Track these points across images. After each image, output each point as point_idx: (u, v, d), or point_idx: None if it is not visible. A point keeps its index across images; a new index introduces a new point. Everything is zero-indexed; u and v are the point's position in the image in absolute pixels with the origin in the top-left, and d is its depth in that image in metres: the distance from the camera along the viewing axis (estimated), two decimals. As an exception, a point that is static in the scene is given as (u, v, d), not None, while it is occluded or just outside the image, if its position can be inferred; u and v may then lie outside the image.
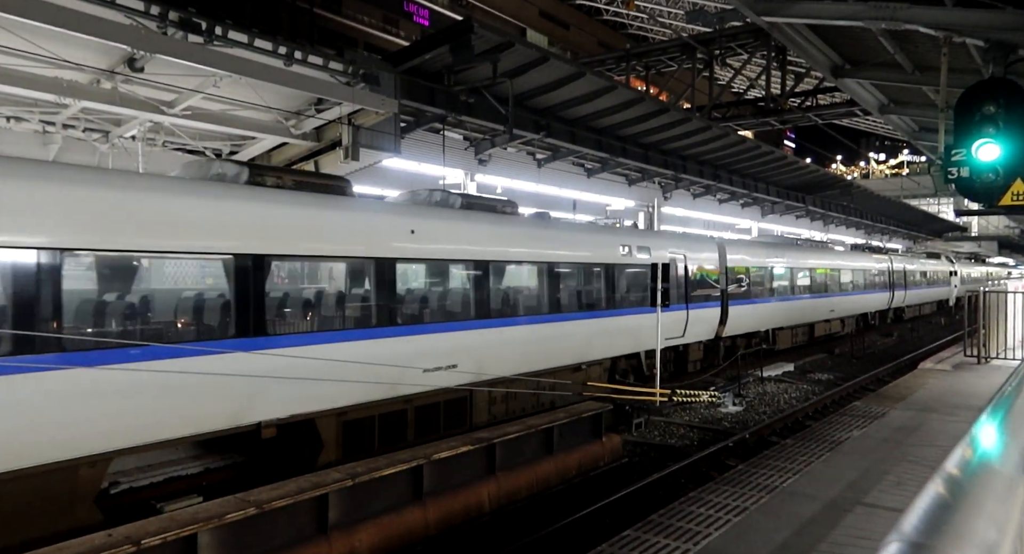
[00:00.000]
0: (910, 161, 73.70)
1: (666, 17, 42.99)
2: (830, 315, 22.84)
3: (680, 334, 13.96)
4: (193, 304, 6.73)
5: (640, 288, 12.81)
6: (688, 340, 14.34)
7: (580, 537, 7.19)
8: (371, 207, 8.63)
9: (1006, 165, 7.07)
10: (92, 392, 5.43)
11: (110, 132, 9.86)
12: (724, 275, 15.79)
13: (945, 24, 8.48)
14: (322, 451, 7.35)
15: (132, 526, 4.95)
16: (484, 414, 9.46)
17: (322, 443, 7.34)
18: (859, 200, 33.10)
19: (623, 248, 12.24)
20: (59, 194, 5.36)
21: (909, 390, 10.73)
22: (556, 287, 10.78)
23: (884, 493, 5.81)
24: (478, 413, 9.35)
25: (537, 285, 10.69)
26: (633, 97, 14.98)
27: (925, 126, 16.19)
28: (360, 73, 9.95)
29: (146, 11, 7.59)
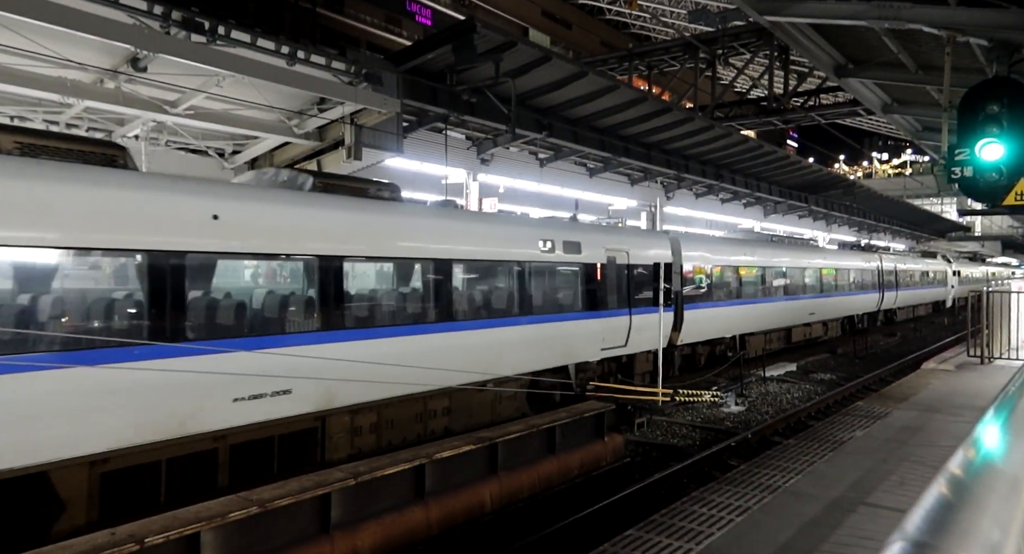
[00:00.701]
0: (913, 161, 73.58)
1: (669, 17, 42.96)
2: (810, 318, 21.06)
3: (622, 343, 12.01)
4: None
5: (569, 290, 11.06)
6: (633, 350, 12.40)
7: (582, 537, 7.19)
8: (154, 184, 6.20)
9: (1010, 164, 7.05)
10: None
11: (113, 131, 9.89)
12: (679, 275, 14.17)
13: (949, 23, 8.47)
14: (64, 514, 5.49)
15: (135, 524, 4.96)
16: (344, 448, 7.60)
17: (63, 503, 5.48)
18: (862, 200, 33.05)
19: (544, 243, 10.38)
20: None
21: (912, 390, 10.71)
22: (447, 290, 8.77)
23: (887, 493, 5.80)
24: (335, 448, 7.53)
25: (422, 287, 8.74)
26: (636, 97, 14.98)
27: (928, 126, 16.16)
28: (363, 73, 9.97)
29: (149, 11, 7.61)
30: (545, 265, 10.45)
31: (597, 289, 11.41)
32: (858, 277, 25.01)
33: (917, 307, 33.99)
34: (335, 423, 7.54)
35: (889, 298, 28.23)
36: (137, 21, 7.60)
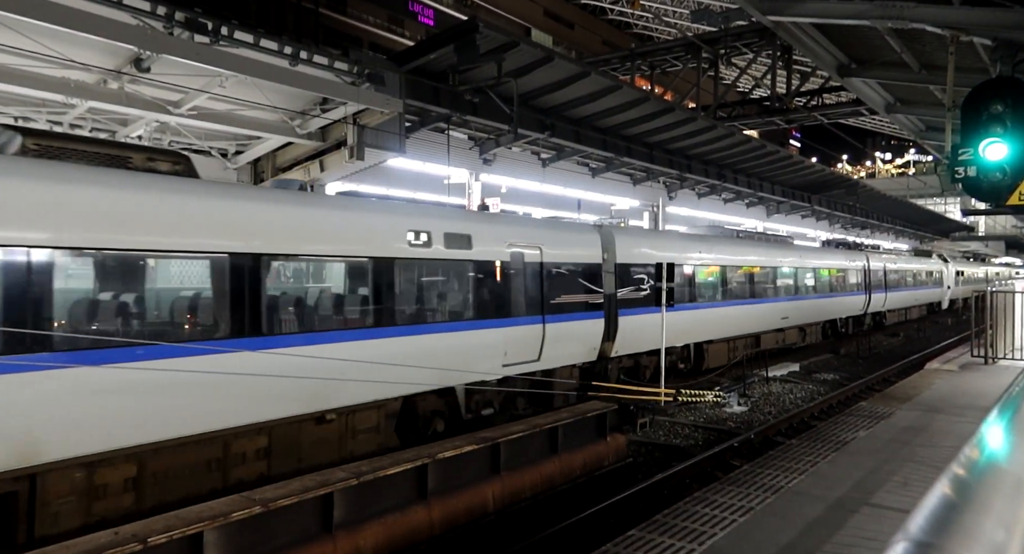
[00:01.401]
0: (916, 160, 73.40)
1: (671, 16, 42.92)
2: (783, 323, 19.01)
3: (533, 357, 10.15)
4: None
5: (456, 294, 9.29)
6: (549, 364, 10.53)
7: (585, 537, 7.19)
8: None
9: (1013, 164, 7.03)
10: None
11: (116, 132, 9.91)
12: (613, 275, 12.25)
13: (952, 23, 8.45)
14: None
15: (138, 524, 4.98)
16: (74, 518, 5.60)
17: None
18: (865, 200, 32.97)
19: (416, 236, 8.47)
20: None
21: (916, 390, 10.68)
22: (255, 295, 6.77)
23: (890, 494, 5.78)
24: (53, 520, 5.49)
25: (213, 292, 6.68)
26: (638, 96, 14.96)
27: (932, 125, 16.13)
28: (365, 73, 9.98)
29: (152, 11, 7.63)
30: (416, 263, 8.56)
31: (496, 292, 9.59)
32: (841, 277, 23.21)
33: (910, 309, 31.92)
34: (55, 482, 5.45)
35: (877, 300, 26.26)
36: (140, 22, 7.62)
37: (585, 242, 11.77)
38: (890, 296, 27.61)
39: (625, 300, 12.52)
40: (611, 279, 12.21)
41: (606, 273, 12.05)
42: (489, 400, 9.83)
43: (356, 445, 7.91)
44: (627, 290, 12.66)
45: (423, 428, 8.84)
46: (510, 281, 9.88)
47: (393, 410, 8.38)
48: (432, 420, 9.01)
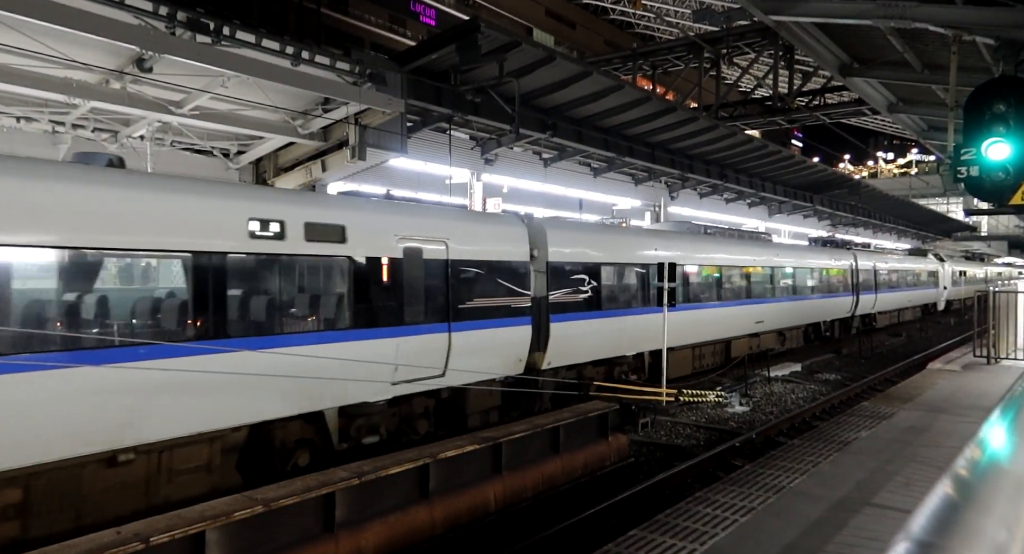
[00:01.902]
0: (919, 160, 73.30)
1: (673, 16, 42.90)
2: (757, 327, 17.35)
3: (436, 371, 8.67)
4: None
5: (326, 297, 7.72)
6: (460, 380, 8.97)
7: (586, 537, 7.19)
8: None
9: (1016, 164, 7.02)
10: None
11: (119, 132, 9.93)
12: (544, 275, 10.63)
13: (955, 22, 8.44)
14: None
15: (141, 523, 4.99)
16: None
17: None
18: (867, 200, 32.95)
19: (261, 226, 6.88)
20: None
21: (918, 390, 10.67)
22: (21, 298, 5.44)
23: (892, 494, 5.77)
24: None
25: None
26: (640, 96, 14.96)
27: (934, 125, 16.12)
28: (367, 73, 9.99)
29: (154, 12, 7.64)
30: (262, 260, 6.95)
31: (383, 296, 8.08)
32: (825, 278, 21.64)
33: (903, 311, 30.32)
34: None
35: (866, 302, 24.63)
36: (143, 22, 7.63)
37: (508, 237, 10.10)
38: (881, 297, 25.99)
39: (560, 304, 10.78)
40: (542, 280, 10.58)
41: (536, 273, 10.47)
42: (375, 425, 8.31)
43: (174, 489, 6.33)
44: (562, 293, 10.88)
45: (280, 462, 7.26)
46: (403, 282, 8.27)
47: (234, 442, 6.83)
48: (295, 452, 7.46)
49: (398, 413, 8.65)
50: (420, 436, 8.77)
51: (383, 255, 8.15)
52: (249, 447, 7.06)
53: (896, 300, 28.15)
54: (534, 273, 10.45)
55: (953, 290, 37.32)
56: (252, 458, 7.14)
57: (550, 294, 10.65)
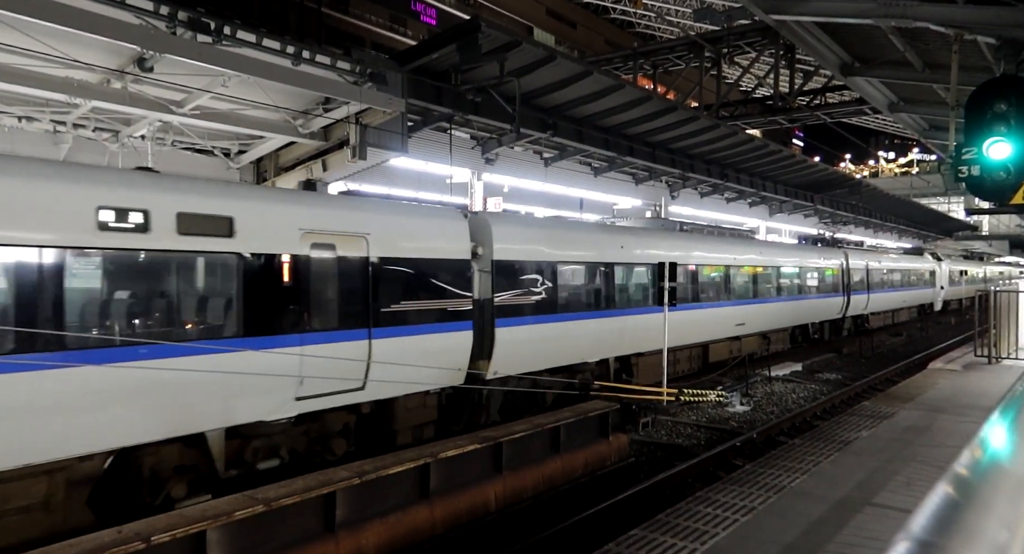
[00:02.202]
0: (920, 160, 73.27)
1: (674, 15, 42.89)
2: (738, 330, 16.40)
3: (355, 384, 7.67)
4: None
5: (207, 301, 6.77)
6: (381, 393, 8.02)
7: (587, 536, 7.19)
8: None
9: (1017, 163, 7.01)
10: None
11: (120, 131, 9.94)
12: (489, 275, 9.66)
13: (956, 21, 8.43)
14: None
15: (142, 523, 4.99)
16: None
17: None
18: (868, 199, 32.92)
19: (116, 215, 5.91)
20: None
21: (919, 390, 10.66)
22: None
23: (893, 493, 5.77)
24: None
25: None
26: (640, 96, 14.95)
27: (935, 124, 16.11)
28: (367, 72, 9.98)
29: (155, 11, 7.64)
30: (115, 256, 5.95)
31: (282, 299, 7.08)
32: (813, 277, 20.62)
33: (898, 312, 29.42)
34: None
35: (857, 302, 23.74)
36: (144, 22, 7.63)
37: (444, 232, 9.01)
38: (873, 298, 25.07)
39: (508, 307, 9.76)
40: (487, 280, 9.58)
41: (480, 273, 9.50)
42: (276, 446, 7.30)
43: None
44: (511, 294, 9.87)
45: (150, 494, 6.30)
46: (309, 283, 7.28)
47: (85, 474, 5.82)
48: (168, 482, 6.41)
49: (308, 432, 7.66)
50: (337, 457, 7.76)
51: (283, 252, 7.13)
52: (110, 478, 6.11)
53: (890, 300, 27.27)
54: (478, 273, 9.47)
55: (951, 290, 36.71)
56: (116, 490, 6.23)
57: (496, 296, 9.63)
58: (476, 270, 9.46)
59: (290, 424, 7.39)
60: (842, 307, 22.76)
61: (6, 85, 7.88)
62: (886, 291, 26.59)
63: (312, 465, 7.29)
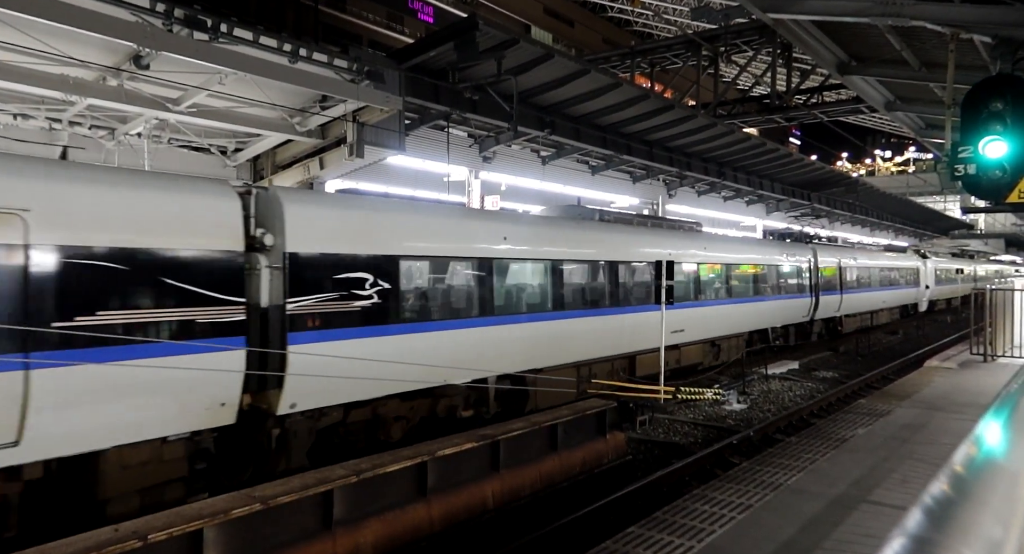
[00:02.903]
0: (916, 158, 73.46)
1: (671, 14, 42.90)
2: (677, 337, 13.88)
3: (4, 438, 5.26)
4: None
5: None
6: (60, 449, 5.59)
7: (584, 534, 7.21)
8: None
9: (1013, 162, 7.03)
10: None
11: (116, 129, 9.90)
12: (282, 273, 7.15)
13: (952, 20, 8.45)
14: None
15: (138, 521, 4.98)
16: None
17: None
18: (864, 197, 33.00)
19: None
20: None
21: (915, 388, 10.69)
22: None
23: (889, 491, 5.79)
24: None
25: None
26: (638, 94, 14.95)
27: (932, 123, 16.14)
28: (365, 70, 9.97)
29: (152, 8, 7.62)
30: None
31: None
32: (773, 276, 18.20)
33: (877, 313, 26.97)
34: None
35: (828, 303, 21.41)
36: (140, 19, 7.61)
37: (196, 212, 6.47)
38: (847, 298, 22.78)
39: (312, 317, 7.32)
40: (277, 281, 7.05)
41: (268, 270, 7.00)
42: None
43: None
44: (317, 300, 7.37)
45: None
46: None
47: None
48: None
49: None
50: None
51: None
52: None
53: (866, 301, 24.98)
54: (265, 270, 7.00)
55: (937, 289, 35.00)
56: None
57: (292, 302, 7.11)
58: (262, 267, 6.97)
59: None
60: (809, 309, 20.50)
61: (1, 82, 7.85)
62: (862, 291, 24.43)
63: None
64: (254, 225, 7.00)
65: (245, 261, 6.85)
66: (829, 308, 21.66)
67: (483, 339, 9.41)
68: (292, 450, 7.41)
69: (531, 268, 10.69)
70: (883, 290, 26.69)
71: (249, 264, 6.94)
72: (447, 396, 9.24)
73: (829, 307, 21.60)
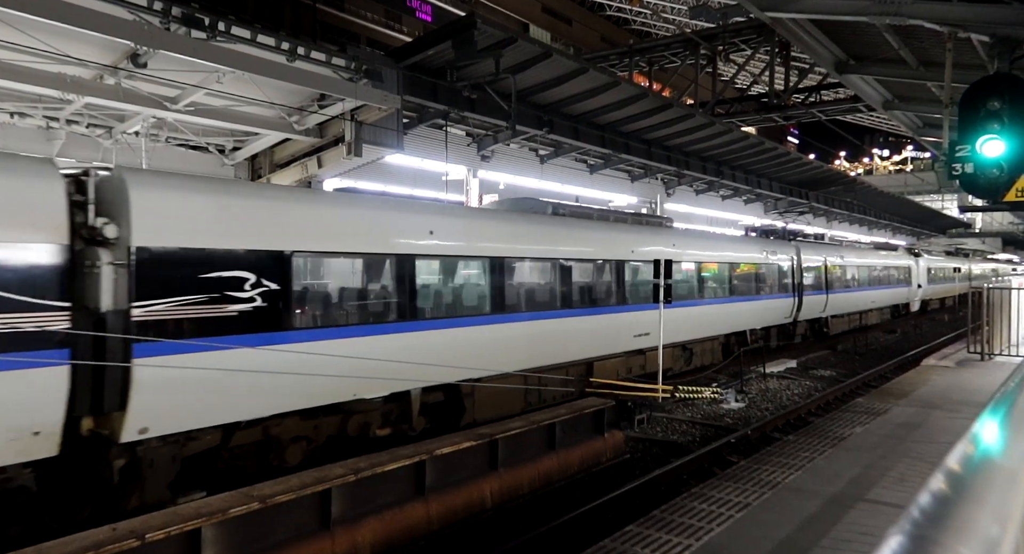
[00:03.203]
0: (914, 157, 73.58)
1: (669, 13, 42.90)
2: (638, 341, 12.56)
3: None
4: None
5: None
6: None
7: (582, 533, 7.21)
8: None
9: (1011, 161, 7.04)
10: None
11: (113, 128, 9.89)
12: (127, 270, 5.94)
13: (950, 19, 8.45)
14: None
15: (136, 520, 4.98)
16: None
17: None
18: (862, 196, 33.05)
19: None
20: None
21: (912, 386, 10.71)
22: None
23: (887, 489, 5.80)
24: None
25: None
26: (636, 93, 14.96)
27: (929, 122, 16.15)
28: (363, 69, 9.96)
29: (149, 6, 7.61)
30: None
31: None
32: (752, 275, 16.91)
33: (867, 314, 25.91)
34: None
35: (812, 304, 20.11)
36: (137, 17, 7.60)
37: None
38: (833, 299, 21.54)
39: (169, 323, 6.12)
40: (122, 281, 5.87)
41: (108, 268, 5.81)
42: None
43: None
44: (175, 304, 6.17)
45: None
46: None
47: None
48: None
49: None
50: None
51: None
52: None
53: (854, 301, 23.75)
54: (107, 268, 5.79)
55: (931, 289, 33.91)
56: None
57: (141, 306, 5.91)
58: (103, 264, 5.79)
59: None
60: (792, 310, 19.19)
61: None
62: (850, 291, 23.28)
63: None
64: (93, 214, 5.75)
65: (76, 257, 5.59)
66: (814, 309, 20.49)
67: (404, 346, 8.08)
68: (147, 482, 6.21)
69: (464, 266, 9.56)
70: (872, 289, 25.47)
71: (86, 260, 5.73)
72: (360, 412, 8.14)
73: (814, 308, 20.43)
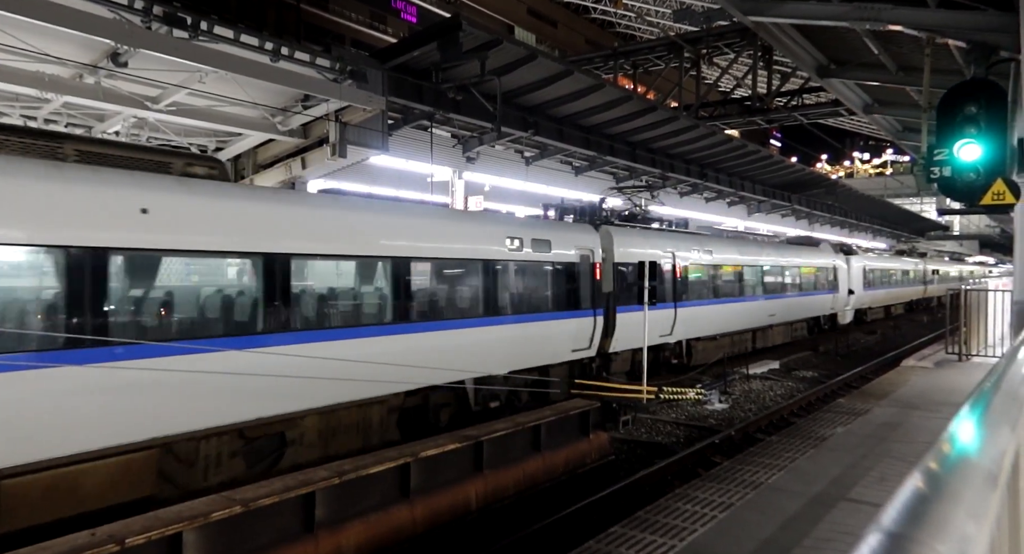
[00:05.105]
0: (894, 160, 74.61)
1: (654, 16, 43.17)
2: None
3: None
4: None
5: None
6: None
7: (567, 534, 7.22)
8: None
9: (987, 165, 7.18)
10: None
11: (93, 127, 9.75)
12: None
13: (928, 25, 8.60)
14: None
15: (116, 525, 4.90)
16: None
17: None
18: (843, 199, 33.46)
19: None
20: None
21: (892, 387, 10.85)
22: None
23: (867, 488, 5.87)
24: None
25: None
26: (620, 95, 15.03)
27: (908, 126, 16.41)
28: (347, 70, 9.91)
29: (130, 5, 7.52)
30: None
31: None
32: (490, 282, 9.96)
33: (765, 331, 19.11)
34: None
35: (633, 325, 12.30)
36: (118, 16, 7.50)
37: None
38: (690, 313, 14.59)
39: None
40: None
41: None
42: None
43: None
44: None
45: None
46: None
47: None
48: None
49: None
50: None
51: None
52: None
53: (731, 316, 16.51)
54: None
55: (868, 296, 26.50)
56: None
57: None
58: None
59: None
60: (589, 337, 11.74)
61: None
62: (721, 301, 16.09)
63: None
64: None
65: None
66: (639, 331, 12.12)
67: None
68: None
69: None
70: (771, 298, 18.48)
71: None
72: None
73: (638, 330, 12.14)
